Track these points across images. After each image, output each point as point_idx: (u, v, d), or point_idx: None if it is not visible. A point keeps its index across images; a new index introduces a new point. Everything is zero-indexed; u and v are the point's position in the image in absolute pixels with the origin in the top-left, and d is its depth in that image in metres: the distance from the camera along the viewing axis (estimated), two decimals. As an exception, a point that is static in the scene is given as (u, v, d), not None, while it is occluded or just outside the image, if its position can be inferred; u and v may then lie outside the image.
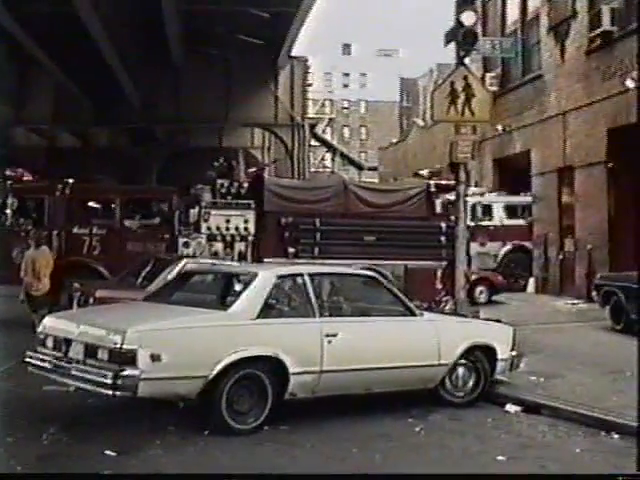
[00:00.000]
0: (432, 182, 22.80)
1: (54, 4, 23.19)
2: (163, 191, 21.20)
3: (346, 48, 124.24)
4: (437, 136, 39.24)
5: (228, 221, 20.14)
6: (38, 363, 10.05)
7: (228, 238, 20.10)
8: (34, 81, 33.86)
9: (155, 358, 8.93)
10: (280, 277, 10.39)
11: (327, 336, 9.95)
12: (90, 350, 9.26)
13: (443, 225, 20.67)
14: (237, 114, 34.88)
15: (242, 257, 19.95)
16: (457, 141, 15.34)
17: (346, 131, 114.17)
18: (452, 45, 15.73)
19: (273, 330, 9.85)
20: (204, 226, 20.07)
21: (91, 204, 20.48)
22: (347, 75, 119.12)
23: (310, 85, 41.98)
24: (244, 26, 31.21)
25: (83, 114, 34.98)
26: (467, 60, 15.74)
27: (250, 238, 20.17)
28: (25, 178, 21.46)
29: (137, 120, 35.55)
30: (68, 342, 9.64)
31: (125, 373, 8.82)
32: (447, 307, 15.86)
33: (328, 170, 78.69)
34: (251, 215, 20.32)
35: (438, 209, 21.25)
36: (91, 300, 14.78)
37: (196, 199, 20.52)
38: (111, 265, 19.20)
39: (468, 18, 15.14)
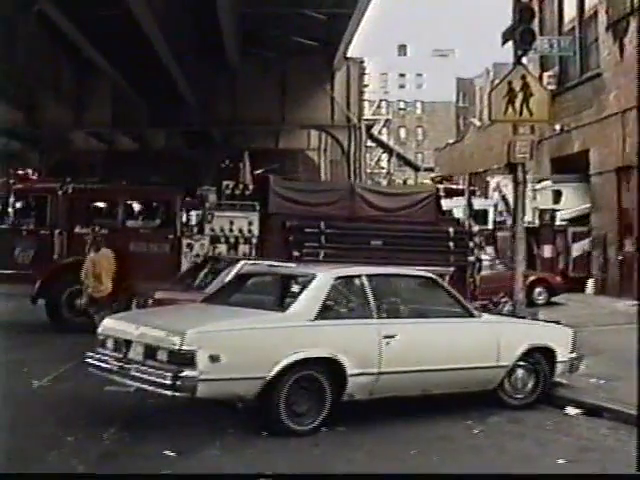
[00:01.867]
0: (441, 186, 22.51)
1: (111, 8, 23.42)
2: (166, 191, 20.86)
3: (402, 49, 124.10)
4: (494, 136, 38.87)
5: (232, 223, 19.90)
6: (98, 364, 10.15)
7: (232, 240, 19.88)
8: (93, 85, 34.26)
9: (214, 359, 8.97)
10: (338, 278, 10.39)
11: (385, 337, 9.92)
12: (150, 351, 9.35)
13: (451, 230, 20.43)
14: (293, 116, 34.93)
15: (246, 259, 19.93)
16: (515, 141, 15.19)
17: (402, 132, 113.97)
18: (509, 44, 15.59)
19: (331, 331, 9.84)
20: (208, 227, 19.92)
21: (93, 204, 20.22)
22: (403, 76, 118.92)
23: (366, 86, 41.96)
24: (300, 28, 31.25)
25: (140, 117, 35.30)
26: (524, 59, 15.59)
27: (254, 240, 19.96)
28: (31, 178, 21.51)
29: (194, 122, 35.77)
30: (128, 343, 9.73)
31: (184, 374, 8.87)
32: (505, 308, 15.70)
33: (384, 171, 78.53)
34: (255, 217, 20.08)
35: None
36: (150, 302, 14.86)
37: (201, 200, 20.44)
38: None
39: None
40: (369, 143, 49.95)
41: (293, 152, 42.84)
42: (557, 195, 29.54)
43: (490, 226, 29.68)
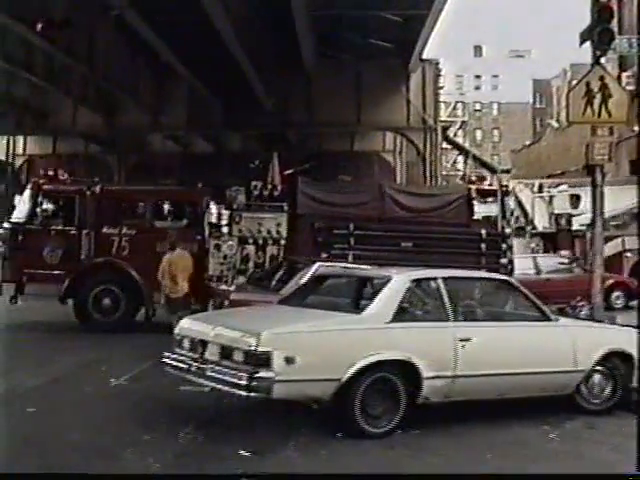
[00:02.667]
0: (473, 187, 22.11)
1: (189, 12, 23.64)
2: (194, 192, 20.73)
3: (477, 50, 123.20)
4: (572, 138, 38.48)
5: (260, 224, 19.97)
6: (175, 364, 10.25)
7: (260, 241, 19.92)
8: (170, 89, 34.66)
9: (289, 360, 9.00)
10: (414, 281, 10.34)
11: (461, 340, 9.86)
12: (226, 352, 9.41)
13: (483, 232, 20.11)
14: (369, 118, 34.89)
15: (274, 261, 19.66)
16: (593, 143, 14.99)
17: (478, 134, 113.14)
18: (587, 44, 15.39)
19: (407, 334, 9.80)
20: (236, 228, 19.93)
21: (121, 205, 20.21)
22: (479, 77, 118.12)
23: (442, 88, 41.78)
24: (375, 30, 31.21)
25: (216, 119, 35.59)
26: (602, 59, 15.37)
27: (282, 241, 19.92)
28: (60, 178, 21.66)
29: (269, 125, 35.94)
30: (204, 344, 9.81)
31: (260, 375, 8.92)
32: (583, 312, 15.48)
33: (460, 173, 78.06)
34: (284, 218, 20.08)
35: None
36: (226, 303, 14.97)
37: (229, 201, 20.42)
38: (140, 266, 19.11)
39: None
40: (445, 145, 49.67)
41: (368, 154, 42.77)
42: (576, 199, 28.91)
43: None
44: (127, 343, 17.13)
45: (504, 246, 20.17)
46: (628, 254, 27.12)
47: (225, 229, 20.09)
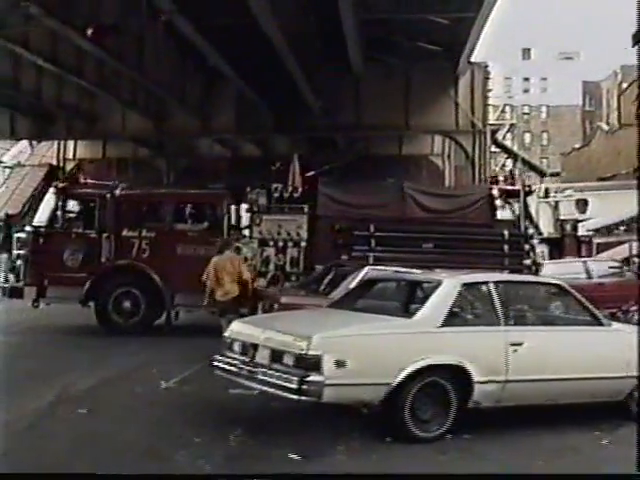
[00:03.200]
0: (495, 187, 21.87)
1: (237, 16, 23.70)
2: (214, 194, 20.66)
3: (526, 52, 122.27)
4: (622, 140, 38.11)
5: (280, 226, 19.91)
6: (225, 367, 10.28)
7: (280, 243, 19.86)
8: (218, 93, 34.72)
9: (340, 364, 8.99)
10: (465, 285, 10.27)
11: (512, 345, 9.78)
12: (276, 355, 9.42)
13: (506, 233, 19.91)
14: (417, 121, 34.73)
15: (294, 263, 19.73)
16: (645, 145, 14.82)
17: (527, 137, 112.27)
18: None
19: (457, 338, 9.74)
20: (256, 230, 19.92)
21: (142, 208, 20.29)
22: (527, 80, 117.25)
23: (490, 91, 41.47)
24: (423, 33, 31.06)
25: (263, 123, 35.60)
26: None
27: (303, 243, 19.87)
28: (81, 181, 21.72)
29: (317, 128, 35.92)
30: (254, 347, 9.83)
31: (310, 378, 8.92)
32: (635, 317, 15.28)
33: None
34: (304, 220, 20.04)
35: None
36: (276, 306, 14.99)
37: (250, 203, 20.35)
38: (160, 268, 19.22)
39: None
40: (493, 148, 49.32)
41: (416, 158, 42.60)
42: (583, 204, 28.46)
43: None
44: (176, 346, 17.25)
45: (527, 247, 20.01)
46: (635, 259, 26.71)
47: (246, 231, 20.04)
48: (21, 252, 25.00)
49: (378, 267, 14.63)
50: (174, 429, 9.99)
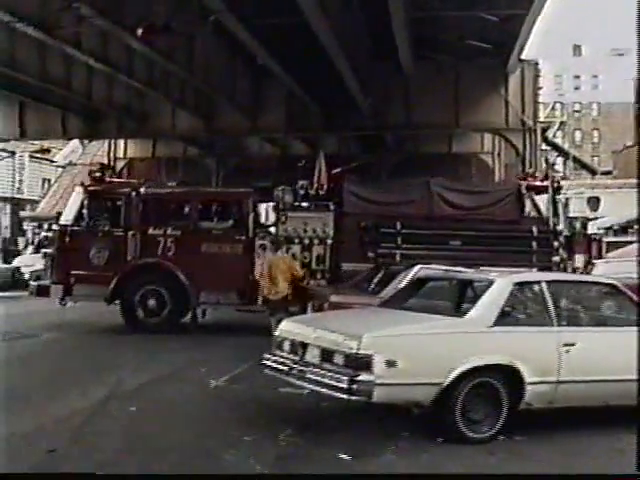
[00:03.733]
0: (523, 183, 21.59)
1: (286, 15, 23.69)
2: (238, 193, 20.69)
3: (577, 49, 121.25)
4: (676, 138, 37.54)
5: (306, 223, 19.79)
6: (275, 365, 10.26)
7: (306, 241, 19.74)
8: (267, 92, 34.75)
9: (391, 364, 8.92)
10: (517, 284, 10.14)
11: (565, 345, 9.64)
12: (326, 354, 9.38)
13: (534, 229, 19.68)
14: (467, 119, 34.49)
15: (320, 260, 19.62)
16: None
17: (577, 135, 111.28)
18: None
19: (509, 338, 9.61)
20: (282, 228, 19.81)
21: (167, 206, 20.32)
22: (578, 77, 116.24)
23: (541, 88, 41.05)
24: (473, 31, 30.84)
25: (313, 122, 35.57)
26: None
27: (329, 241, 19.74)
28: (107, 180, 21.73)
29: (366, 127, 35.82)
30: (304, 346, 9.79)
31: (361, 378, 8.86)
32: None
33: (559, 175, 76.81)
34: (330, 217, 19.90)
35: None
36: (325, 305, 14.95)
37: (276, 201, 20.25)
38: (185, 266, 19.26)
39: None
40: (544, 146, 48.86)
41: (466, 156, 42.31)
42: (595, 202, 27.81)
43: None
44: (225, 344, 17.31)
45: (556, 244, 19.77)
46: None
47: (271, 229, 20.01)
48: (48, 251, 25.27)
49: (429, 266, 14.47)
50: (223, 428, 9.99)
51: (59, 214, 21.59)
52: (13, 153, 46.02)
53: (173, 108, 35.22)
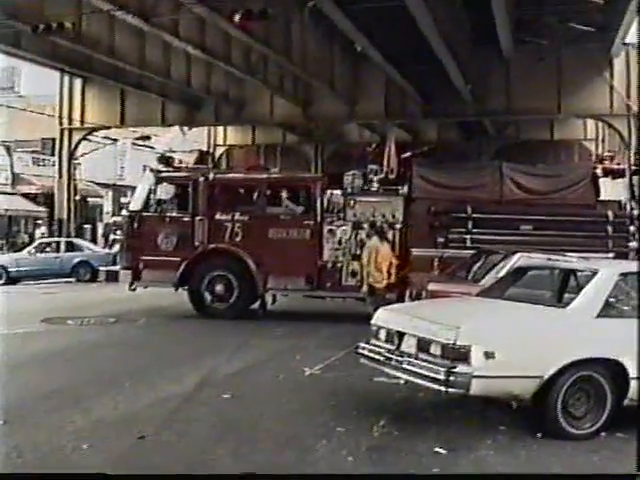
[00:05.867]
0: (598, 166, 20.77)
1: (384, 0, 23.46)
2: (307, 178, 20.78)
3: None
4: None
5: (375, 208, 19.45)
6: (370, 354, 10.07)
7: (375, 226, 19.24)
8: (365, 78, 34.56)
9: (489, 355, 8.62)
10: (622, 274, 9.69)
11: (673, 339, 9.18)
12: (423, 344, 9.13)
13: (610, 213, 19.02)
14: (569, 105, 33.71)
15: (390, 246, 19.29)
16: None
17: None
18: None
19: (614, 330, 9.16)
20: (350, 213, 19.47)
21: (235, 191, 20.25)
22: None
23: (646, 72, 39.97)
24: (575, 14, 30.14)
25: (412, 108, 35.30)
26: None
27: (398, 226, 19.33)
28: (176, 166, 21.65)
29: (466, 113, 35.38)
30: (401, 335, 9.56)
31: (458, 370, 8.59)
32: None
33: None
34: (399, 202, 19.55)
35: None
36: (424, 293, 14.69)
37: (345, 186, 19.91)
38: (253, 251, 19.21)
39: None
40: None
41: (569, 143, 41.56)
42: None
43: None
44: (321, 332, 17.17)
45: (632, 229, 19.15)
46: None
47: (340, 214, 19.72)
48: (117, 237, 25.51)
49: (531, 254, 14.08)
50: (316, 417, 9.85)
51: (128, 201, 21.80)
52: (115, 140, 46.71)
53: (271, 95, 35.26)
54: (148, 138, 43.95)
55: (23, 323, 17.59)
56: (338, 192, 19.88)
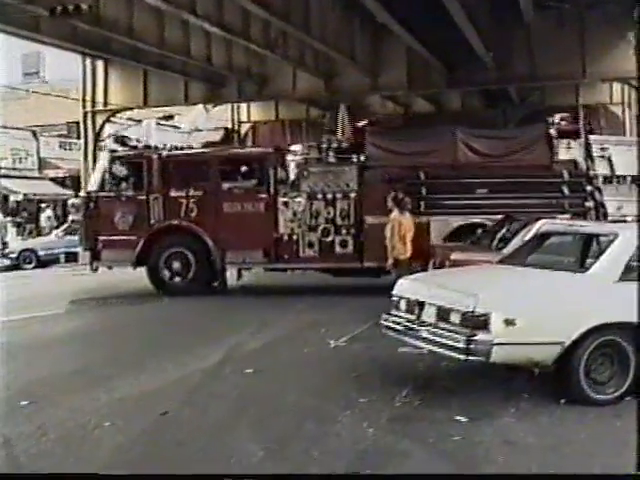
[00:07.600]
0: (553, 127, 20.57)
1: (404, -30, 23.31)
2: (258, 152, 20.90)
3: None
4: None
5: (329, 178, 19.41)
6: (392, 325, 10.04)
7: (329, 196, 19.35)
8: (387, 50, 34.30)
9: (509, 322, 8.55)
10: (643, 237, 9.59)
11: (696, 302, 9.07)
12: (442, 313, 9.08)
13: (565, 173, 18.90)
14: (594, 69, 33.30)
15: (344, 215, 19.22)
16: None
17: None
18: None
19: (636, 294, 9.09)
20: (304, 184, 19.43)
21: (188, 168, 20.01)
22: None
23: (672, 34, 39.44)
24: (598, -24, 29.81)
25: (434, 78, 35.02)
26: None
27: (352, 195, 19.29)
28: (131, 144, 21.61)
29: (490, 81, 35.07)
30: (421, 305, 9.52)
31: (478, 338, 8.54)
32: None
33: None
34: (354, 171, 19.47)
35: None
36: (447, 263, 14.63)
37: (299, 157, 19.97)
38: (209, 227, 19.25)
39: None
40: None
41: (594, 108, 41.11)
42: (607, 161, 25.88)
43: None
44: (347, 304, 17.12)
45: (589, 188, 18.97)
46: None
47: (294, 186, 19.69)
48: (75, 218, 25.71)
49: (552, 220, 13.97)
50: (340, 389, 9.84)
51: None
52: (139, 121, 46.78)
53: (293, 69, 35.12)
54: (171, 117, 43.96)
55: (52, 305, 17.78)
56: (293, 164, 19.94)
